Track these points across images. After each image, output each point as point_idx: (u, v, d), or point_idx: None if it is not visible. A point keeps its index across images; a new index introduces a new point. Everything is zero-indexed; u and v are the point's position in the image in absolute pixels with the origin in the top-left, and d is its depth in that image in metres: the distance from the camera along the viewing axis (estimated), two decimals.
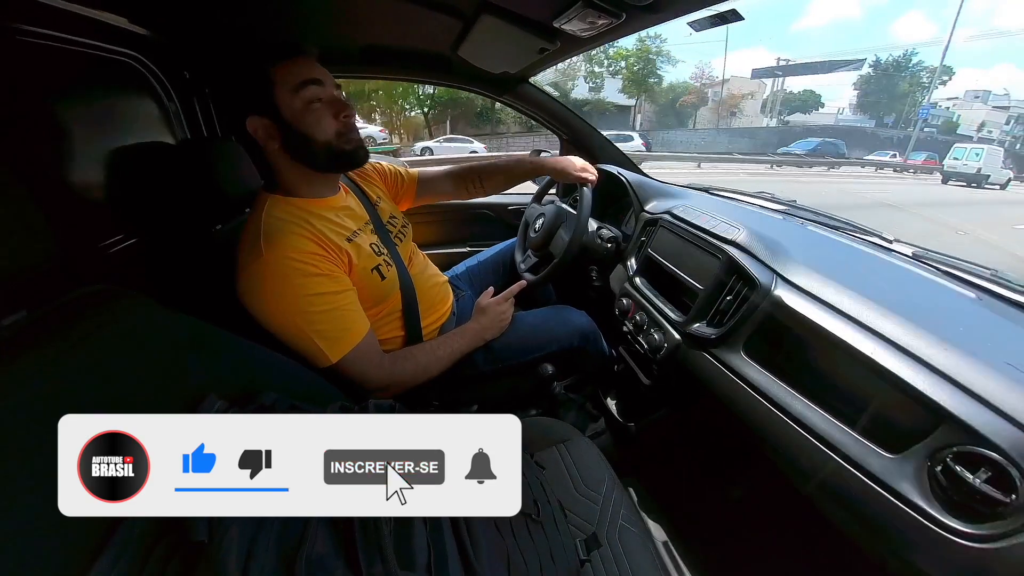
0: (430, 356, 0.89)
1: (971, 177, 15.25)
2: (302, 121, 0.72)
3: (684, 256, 0.99)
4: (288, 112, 0.71)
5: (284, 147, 0.74)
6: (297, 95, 0.71)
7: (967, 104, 47.73)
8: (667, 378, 1.01)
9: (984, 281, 0.72)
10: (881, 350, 0.56)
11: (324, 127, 0.73)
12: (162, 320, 0.52)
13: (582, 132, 1.58)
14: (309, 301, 0.71)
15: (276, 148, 0.74)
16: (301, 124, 0.72)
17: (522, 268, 1.32)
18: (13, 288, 0.39)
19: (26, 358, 0.39)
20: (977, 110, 46.36)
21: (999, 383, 0.48)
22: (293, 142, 0.73)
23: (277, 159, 0.77)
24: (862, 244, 0.91)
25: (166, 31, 0.93)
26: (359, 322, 0.78)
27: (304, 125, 0.72)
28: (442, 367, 0.90)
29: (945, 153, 16.55)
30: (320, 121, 0.73)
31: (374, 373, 0.79)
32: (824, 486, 0.61)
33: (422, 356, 0.88)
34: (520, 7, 0.84)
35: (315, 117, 0.72)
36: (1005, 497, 0.44)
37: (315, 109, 0.72)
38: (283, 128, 0.72)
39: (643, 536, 0.69)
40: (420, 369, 0.86)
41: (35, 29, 0.72)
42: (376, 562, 0.39)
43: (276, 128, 0.72)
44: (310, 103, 0.71)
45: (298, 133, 0.72)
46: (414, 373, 0.85)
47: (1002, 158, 16.00)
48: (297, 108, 0.71)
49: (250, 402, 0.52)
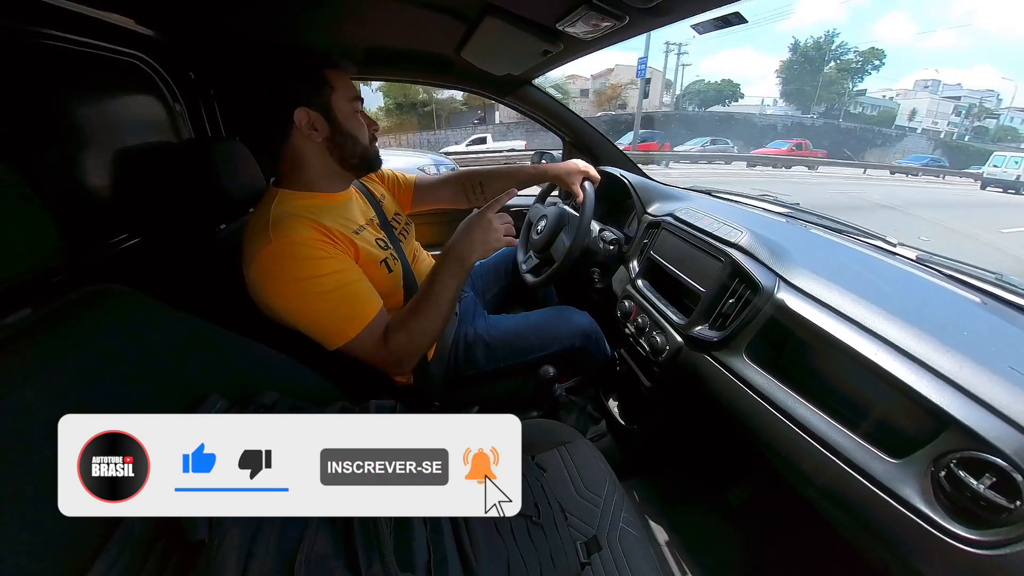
0: (419, 304, 0.79)
1: (1010, 184, 15.45)
2: (351, 124, 0.83)
3: (687, 259, 0.99)
4: (341, 114, 0.81)
5: (328, 140, 0.81)
6: (350, 104, 0.82)
7: (912, 95, 46.09)
8: (669, 381, 1.01)
9: (989, 285, 0.72)
10: (884, 354, 0.56)
11: (364, 133, 0.86)
12: (165, 319, 0.52)
13: (585, 134, 1.58)
14: (319, 282, 0.72)
15: (319, 141, 0.81)
16: (350, 126, 0.83)
17: (524, 269, 1.32)
18: (18, 286, 0.40)
19: (29, 356, 0.39)
20: (920, 100, 44.62)
21: (1004, 388, 0.48)
22: (339, 139, 0.82)
23: (312, 151, 0.81)
24: (865, 247, 0.91)
25: (172, 32, 0.93)
26: (370, 301, 0.77)
27: (352, 127, 0.83)
28: (441, 310, 0.80)
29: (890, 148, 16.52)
30: (362, 128, 0.85)
31: (383, 349, 0.76)
32: (826, 490, 0.60)
33: (412, 307, 0.80)
34: (524, 10, 0.84)
35: (359, 124, 0.84)
36: (1009, 503, 0.43)
37: (359, 117, 0.84)
38: (333, 124, 0.81)
39: (644, 539, 0.69)
40: (416, 332, 0.78)
41: (42, 30, 0.73)
42: (375, 562, 0.39)
43: (326, 123, 0.80)
44: (355, 113, 0.84)
45: (345, 132, 0.82)
46: (420, 328, 0.78)
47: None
48: (348, 113, 0.82)
49: (251, 402, 0.52)
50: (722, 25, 0.83)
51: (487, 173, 1.22)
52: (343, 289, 0.74)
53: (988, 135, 43.78)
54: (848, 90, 37.01)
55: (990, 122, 47.10)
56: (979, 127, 46.10)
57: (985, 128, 46.10)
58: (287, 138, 0.79)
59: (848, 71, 36.10)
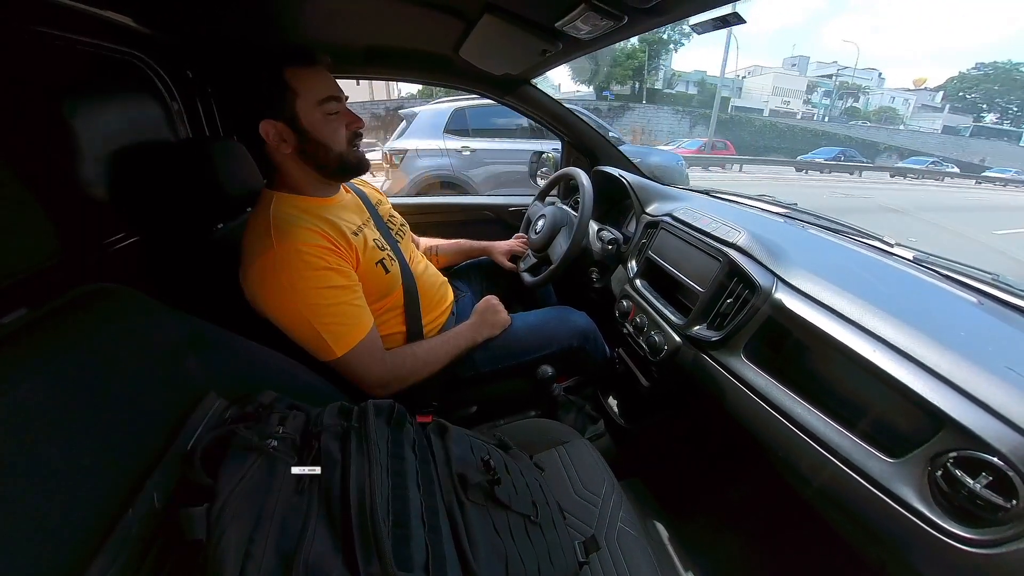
0: (428, 352, 0.90)
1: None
2: (320, 131, 0.76)
3: (685, 258, 0.99)
4: (307, 121, 0.75)
5: (298, 151, 0.77)
6: (319, 108, 0.75)
7: (760, 72, 41.45)
8: (667, 380, 1.01)
9: (985, 285, 0.72)
10: (881, 354, 0.56)
11: (339, 137, 0.79)
12: (162, 319, 0.52)
13: (583, 134, 1.58)
14: (319, 294, 0.72)
15: (288, 152, 0.77)
16: (319, 133, 0.76)
17: (521, 268, 1.32)
18: (15, 285, 0.39)
19: (26, 355, 0.39)
20: (765, 77, 39.93)
21: (1000, 388, 0.48)
22: (309, 148, 0.77)
23: (286, 161, 0.79)
24: (863, 248, 0.91)
25: (170, 30, 0.93)
26: (364, 318, 0.79)
27: (322, 135, 0.77)
28: (440, 364, 0.91)
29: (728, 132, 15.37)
30: (336, 132, 0.78)
31: (376, 369, 0.80)
32: (823, 490, 0.61)
33: (420, 351, 0.89)
34: (522, 9, 0.84)
35: (332, 128, 0.77)
36: (1006, 502, 0.44)
37: (332, 120, 0.77)
38: (300, 134, 0.76)
39: (642, 539, 0.69)
40: (419, 364, 0.87)
41: (39, 28, 0.72)
42: (374, 561, 0.39)
43: (292, 133, 0.75)
44: (328, 115, 0.77)
45: (315, 140, 0.77)
46: (413, 368, 0.86)
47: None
48: (317, 119, 0.75)
49: (250, 401, 0.52)
50: (721, 25, 0.83)
51: (440, 244, 1.35)
52: (340, 306, 0.74)
53: (859, 115, 41.41)
54: (658, 68, 31.13)
55: (876, 101, 44.06)
56: (851, 108, 43.80)
57: (856, 108, 43.99)
58: (264, 147, 0.77)
59: (656, 44, 29.25)
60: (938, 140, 33.15)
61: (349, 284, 0.77)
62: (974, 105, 48.71)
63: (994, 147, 35.58)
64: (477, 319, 1.00)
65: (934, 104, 50.23)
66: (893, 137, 30.71)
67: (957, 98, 49.23)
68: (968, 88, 48.53)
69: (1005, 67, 47.87)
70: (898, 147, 28.91)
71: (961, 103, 48.90)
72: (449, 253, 1.35)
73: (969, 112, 47.35)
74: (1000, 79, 47.21)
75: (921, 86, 52.81)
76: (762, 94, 39.55)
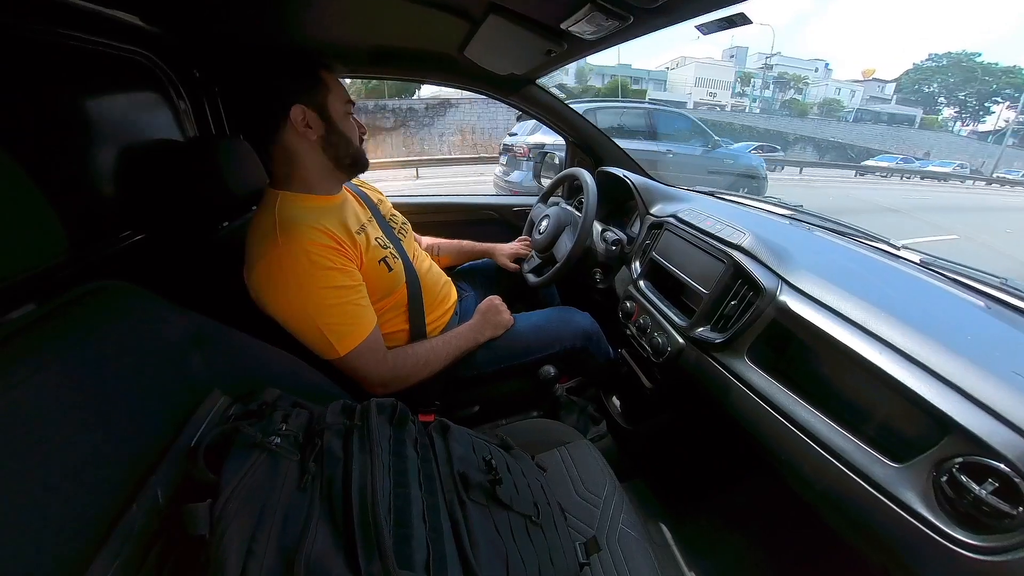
0: (430, 352, 0.90)
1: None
2: (344, 125, 0.84)
3: (689, 260, 0.99)
4: (335, 114, 0.82)
5: (322, 139, 0.82)
6: (343, 105, 0.84)
7: (684, 62, 38.30)
8: (670, 382, 1.01)
9: (993, 289, 0.71)
10: (887, 358, 0.56)
11: (356, 135, 0.88)
12: (168, 316, 0.52)
13: (588, 134, 1.58)
14: (323, 294, 0.73)
15: (313, 139, 0.81)
16: (344, 127, 0.84)
17: (525, 268, 1.32)
18: (22, 282, 0.40)
19: (33, 351, 0.39)
20: (688, 69, 36.88)
21: (1007, 393, 0.47)
22: (333, 138, 0.83)
23: (305, 150, 0.82)
24: (869, 250, 0.90)
25: (178, 30, 0.93)
26: (368, 317, 0.80)
27: (345, 128, 0.85)
28: (442, 364, 0.91)
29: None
30: (354, 129, 0.87)
31: (378, 368, 0.81)
32: (827, 494, 0.60)
33: (423, 351, 0.89)
34: (527, 9, 0.84)
35: (351, 126, 0.86)
36: (1012, 509, 0.43)
37: (350, 120, 0.86)
38: (328, 123, 0.82)
39: (643, 541, 0.69)
40: (421, 364, 0.88)
41: (48, 27, 0.73)
42: (375, 560, 0.39)
43: (321, 122, 0.81)
44: (348, 115, 0.86)
45: (339, 132, 0.84)
46: (415, 368, 0.87)
47: None
48: (342, 114, 0.84)
49: (253, 399, 0.52)
50: (727, 26, 0.82)
51: (441, 243, 1.37)
52: (344, 306, 0.76)
53: (798, 107, 38.96)
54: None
55: (820, 93, 41.31)
56: (791, 100, 41.25)
57: (796, 100, 41.49)
58: (281, 137, 0.79)
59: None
60: (877, 132, 31.37)
61: (353, 284, 0.78)
62: (932, 98, 47.64)
63: (940, 139, 34.40)
64: (480, 319, 1.00)
65: (883, 96, 48.97)
66: (822, 129, 28.70)
67: (913, 90, 48.07)
68: (925, 80, 47.45)
69: (958, 57, 46.74)
70: (831, 140, 26.80)
71: (917, 96, 47.76)
72: (451, 252, 1.36)
73: (922, 104, 46.11)
74: (953, 69, 46.10)
75: (870, 77, 50.90)
76: (686, 87, 37.57)
